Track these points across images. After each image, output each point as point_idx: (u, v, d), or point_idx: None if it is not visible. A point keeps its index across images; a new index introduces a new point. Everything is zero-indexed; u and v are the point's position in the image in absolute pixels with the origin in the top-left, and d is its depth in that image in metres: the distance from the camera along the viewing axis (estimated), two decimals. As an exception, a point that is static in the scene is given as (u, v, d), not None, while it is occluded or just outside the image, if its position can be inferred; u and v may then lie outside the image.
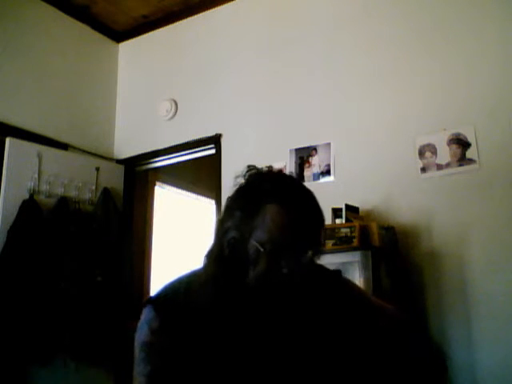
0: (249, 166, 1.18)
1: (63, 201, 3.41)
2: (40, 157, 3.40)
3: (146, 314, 1.12)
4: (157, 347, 1.08)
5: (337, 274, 1.25)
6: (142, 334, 1.11)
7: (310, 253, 1.08)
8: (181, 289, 1.15)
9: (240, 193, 1.14)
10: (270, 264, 1.05)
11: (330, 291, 1.18)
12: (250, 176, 1.17)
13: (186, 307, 1.10)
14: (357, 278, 2.40)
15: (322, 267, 1.23)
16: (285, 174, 1.19)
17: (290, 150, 3.23)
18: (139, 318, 1.15)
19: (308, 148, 3.18)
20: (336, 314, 1.15)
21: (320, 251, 1.13)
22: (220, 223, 1.13)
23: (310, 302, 1.12)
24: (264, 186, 1.11)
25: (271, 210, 1.06)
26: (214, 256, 1.13)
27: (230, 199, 1.15)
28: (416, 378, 1.19)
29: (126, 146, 4.04)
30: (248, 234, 1.07)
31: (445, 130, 2.78)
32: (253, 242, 1.06)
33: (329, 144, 3.12)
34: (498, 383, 2.40)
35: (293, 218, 1.06)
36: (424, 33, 2.97)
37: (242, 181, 1.17)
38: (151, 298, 1.16)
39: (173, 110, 3.83)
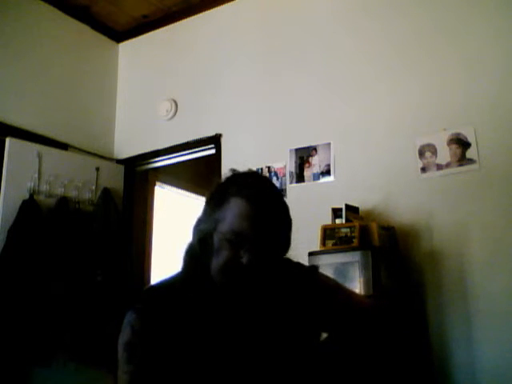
0: (232, 170, 1.24)
1: (63, 201, 3.41)
2: (40, 157, 3.40)
3: (129, 316, 1.15)
4: (139, 347, 1.12)
5: (311, 270, 1.28)
6: (124, 334, 1.14)
7: (271, 245, 1.12)
8: (162, 290, 1.19)
9: (213, 190, 1.20)
10: (229, 253, 1.10)
11: (294, 284, 1.20)
12: (227, 176, 1.23)
13: (165, 308, 1.14)
14: (357, 277, 2.40)
15: (298, 263, 1.26)
16: (256, 174, 1.26)
17: (290, 150, 3.23)
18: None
19: (308, 148, 3.18)
20: (293, 303, 1.17)
21: (284, 246, 1.17)
22: (197, 218, 1.20)
23: (270, 293, 1.15)
24: (231, 183, 1.18)
25: (235, 202, 1.12)
26: (188, 252, 1.20)
27: (207, 197, 1.21)
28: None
29: (126, 146, 4.04)
30: (214, 225, 1.13)
31: (445, 129, 2.78)
32: (217, 234, 1.12)
33: (329, 144, 3.12)
34: (498, 382, 2.40)
35: (254, 211, 1.11)
36: (424, 33, 2.97)
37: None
38: (133, 301, 1.19)
39: (173, 110, 3.83)
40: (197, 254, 1.16)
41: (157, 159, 3.93)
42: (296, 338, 1.15)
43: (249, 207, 1.11)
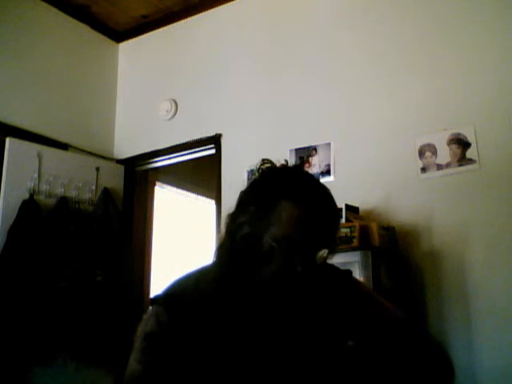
0: (263, 160, 1.16)
1: (63, 201, 3.41)
2: (40, 157, 3.40)
3: (155, 308, 1.12)
4: (161, 340, 1.07)
5: (347, 275, 1.24)
6: (148, 325, 1.10)
7: (324, 251, 1.07)
8: (189, 286, 1.14)
9: (254, 187, 1.13)
10: (284, 261, 1.04)
11: (339, 291, 1.17)
12: (264, 170, 1.15)
13: (194, 304, 1.09)
14: (357, 277, 2.39)
15: (333, 267, 1.21)
16: (301, 170, 1.18)
17: (290, 150, 3.23)
18: (141, 318, 1.14)
19: (308, 148, 3.18)
20: (343, 313, 1.14)
21: (334, 250, 1.12)
22: (232, 218, 1.12)
23: (320, 301, 1.11)
24: (279, 182, 1.10)
25: (286, 207, 1.05)
26: (225, 251, 1.12)
27: (244, 193, 1.13)
28: (424, 379, 1.16)
29: (126, 146, 4.04)
30: (262, 230, 1.05)
31: (445, 130, 2.78)
32: (267, 239, 1.05)
33: (329, 144, 3.12)
34: (499, 382, 2.40)
35: (308, 216, 1.04)
36: (424, 33, 2.97)
37: (255, 175, 1.15)
38: (159, 295, 1.15)
39: (173, 110, 3.83)
40: (237, 254, 1.08)
41: (157, 159, 3.93)
42: (326, 344, 1.11)
43: (301, 212, 1.04)
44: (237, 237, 1.08)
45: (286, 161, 1.17)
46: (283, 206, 1.05)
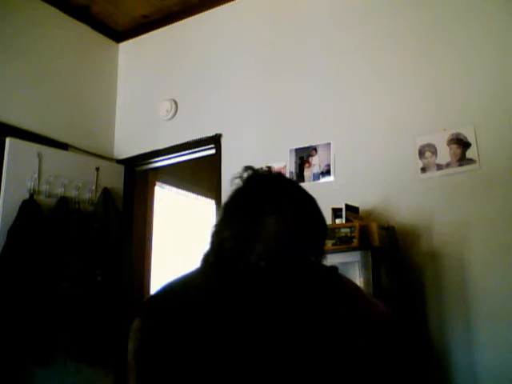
0: (246, 168, 1.16)
1: (63, 201, 3.41)
2: (40, 157, 3.40)
3: (144, 309, 1.15)
4: (151, 331, 1.09)
5: (332, 271, 1.24)
6: (135, 342, 1.11)
7: (311, 259, 1.09)
8: (177, 291, 1.15)
9: (238, 199, 1.12)
10: (269, 276, 1.04)
11: (324, 287, 1.17)
12: (248, 180, 1.14)
13: (182, 308, 1.10)
14: (357, 277, 2.40)
15: (318, 263, 1.21)
16: (284, 179, 1.17)
17: (290, 150, 3.23)
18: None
19: (308, 148, 3.18)
20: (327, 308, 1.14)
21: (322, 256, 1.13)
22: (217, 229, 1.12)
23: (305, 296, 1.12)
24: (263, 194, 1.08)
25: (271, 223, 1.04)
26: (210, 263, 1.13)
27: (228, 205, 1.13)
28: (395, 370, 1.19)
29: (126, 146, 4.04)
30: (247, 245, 1.05)
31: (445, 130, 2.78)
32: (253, 255, 1.05)
33: (329, 144, 3.12)
34: (498, 383, 2.40)
35: (293, 231, 1.04)
36: (423, 33, 2.97)
37: (239, 182, 1.14)
38: (148, 299, 1.19)
39: (173, 110, 3.83)
40: (222, 267, 1.10)
41: (157, 159, 3.93)
42: (310, 338, 1.11)
43: (286, 228, 1.04)
44: (223, 251, 1.09)
45: (269, 167, 1.16)
46: (267, 223, 1.04)
